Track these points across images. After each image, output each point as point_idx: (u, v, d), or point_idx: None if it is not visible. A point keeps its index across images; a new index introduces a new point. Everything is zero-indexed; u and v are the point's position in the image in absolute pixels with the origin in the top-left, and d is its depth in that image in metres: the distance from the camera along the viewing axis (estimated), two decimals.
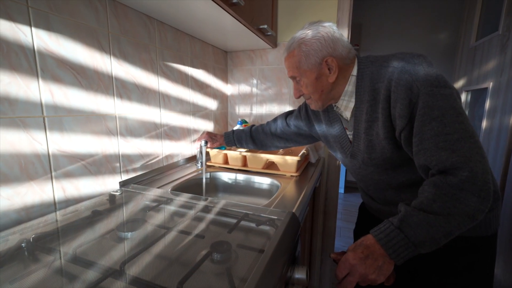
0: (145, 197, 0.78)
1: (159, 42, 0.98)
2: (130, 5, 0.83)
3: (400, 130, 0.58)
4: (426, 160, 0.53)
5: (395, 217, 0.53)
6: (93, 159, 0.75)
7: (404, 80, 0.55)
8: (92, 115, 0.73)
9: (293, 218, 0.62)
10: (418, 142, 0.54)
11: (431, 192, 0.50)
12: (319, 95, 0.70)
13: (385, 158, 0.65)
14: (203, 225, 0.62)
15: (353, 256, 0.52)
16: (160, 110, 1.00)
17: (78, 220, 0.61)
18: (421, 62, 0.57)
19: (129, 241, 0.54)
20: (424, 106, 0.53)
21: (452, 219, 0.48)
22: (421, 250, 0.49)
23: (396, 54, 0.62)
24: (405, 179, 0.67)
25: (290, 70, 0.71)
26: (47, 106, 0.62)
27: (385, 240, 0.50)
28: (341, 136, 0.77)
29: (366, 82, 0.65)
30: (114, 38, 0.79)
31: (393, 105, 0.58)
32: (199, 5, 0.81)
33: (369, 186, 0.78)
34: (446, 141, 0.51)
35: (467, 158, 0.49)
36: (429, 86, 0.54)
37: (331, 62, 0.65)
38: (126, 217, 0.65)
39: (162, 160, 1.04)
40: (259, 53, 1.48)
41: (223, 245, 0.51)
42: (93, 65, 0.73)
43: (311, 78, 0.68)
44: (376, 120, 0.63)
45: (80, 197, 0.72)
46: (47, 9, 0.60)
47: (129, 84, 0.85)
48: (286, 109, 1.47)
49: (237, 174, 1.10)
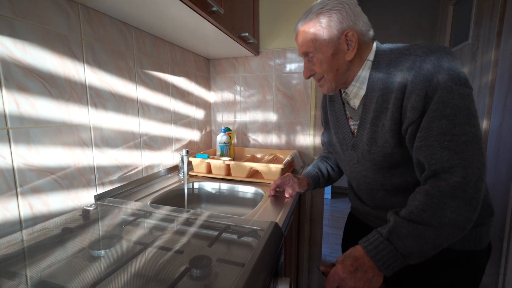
0: (122, 211, 0.74)
1: (137, 50, 0.96)
2: (105, 12, 0.81)
3: (409, 123, 0.55)
4: (426, 157, 0.52)
5: (384, 228, 0.52)
6: (65, 173, 0.71)
7: (426, 70, 0.52)
8: (63, 125, 0.70)
9: (275, 228, 0.61)
10: (423, 137, 0.52)
11: (421, 201, 0.50)
12: (333, 74, 0.65)
13: (385, 153, 0.62)
14: (183, 239, 0.59)
15: (343, 269, 0.51)
16: (139, 119, 0.98)
17: (46, 239, 0.57)
18: (446, 55, 0.53)
19: (103, 260, 0.51)
20: (438, 101, 0.51)
21: (442, 230, 0.48)
22: (410, 261, 0.49)
23: (419, 44, 0.58)
24: (399, 181, 0.65)
25: (304, 45, 0.65)
26: (11, 117, 0.58)
27: (374, 252, 0.50)
28: (343, 126, 0.74)
29: (382, 69, 0.61)
30: (88, 46, 0.76)
31: (407, 95, 0.55)
32: (179, 13, 0.80)
33: (360, 186, 0.75)
34: (452, 141, 0.49)
35: (468, 162, 0.48)
36: (449, 82, 0.51)
37: (351, 36, 0.60)
38: (101, 234, 0.62)
39: (142, 171, 1.01)
40: (242, 60, 1.48)
41: (202, 260, 0.49)
42: (64, 74, 0.70)
43: (327, 54, 0.62)
44: (385, 110, 0.60)
45: (50, 213, 0.67)
46: (12, 15, 0.57)
47: (104, 93, 0.82)
48: (270, 116, 1.48)
49: (220, 183, 1.08)
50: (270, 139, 1.50)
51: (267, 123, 1.49)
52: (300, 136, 1.44)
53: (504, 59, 1.29)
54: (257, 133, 1.52)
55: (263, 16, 1.41)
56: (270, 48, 1.42)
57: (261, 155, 1.42)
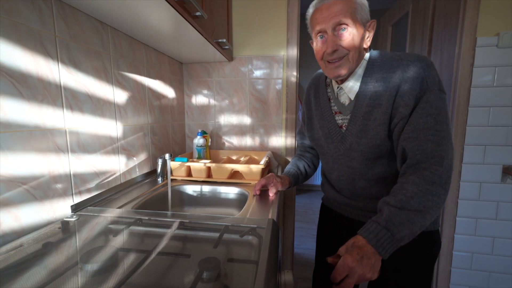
0: (106, 220, 0.67)
1: (113, 50, 0.87)
2: (80, 9, 0.72)
3: (401, 117, 0.61)
4: (413, 147, 0.58)
5: (379, 217, 0.56)
6: (38, 182, 0.61)
7: (418, 73, 0.59)
8: (35, 130, 0.60)
9: (274, 225, 0.62)
10: (411, 130, 0.59)
11: (409, 190, 0.56)
12: (357, 55, 0.65)
13: (373, 145, 0.67)
14: (185, 243, 0.56)
15: (351, 259, 0.52)
16: (116, 123, 0.89)
17: (24, 257, 0.48)
18: (431, 64, 0.61)
19: (101, 274, 0.44)
20: (426, 101, 0.58)
21: (427, 212, 0.54)
22: (402, 243, 0.54)
23: (408, 53, 0.65)
24: (380, 171, 0.70)
25: (341, 14, 0.60)
26: None
27: (375, 240, 0.53)
28: (329, 121, 0.76)
29: (376, 70, 0.66)
30: (62, 44, 0.67)
31: (400, 93, 0.61)
32: (161, 15, 0.76)
33: (341, 177, 0.78)
34: (435, 136, 0.57)
35: (445, 154, 0.56)
36: (435, 86, 0.59)
37: (373, 27, 0.64)
38: (89, 246, 0.54)
39: (120, 177, 0.92)
40: (216, 65, 1.46)
41: (211, 262, 0.46)
42: (37, 73, 0.60)
43: (360, 32, 0.63)
44: (378, 106, 0.64)
45: (22, 229, 0.57)
46: None
47: (80, 95, 0.73)
48: (244, 120, 1.48)
49: (202, 186, 1.04)
50: (245, 141, 1.50)
51: (241, 126, 1.49)
52: (273, 138, 1.47)
53: None
54: (232, 136, 1.51)
55: (236, 25, 1.41)
56: (243, 54, 1.43)
57: (236, 157, 1.41)
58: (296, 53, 1.38)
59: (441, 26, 1.43)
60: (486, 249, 1.34)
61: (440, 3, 1.44)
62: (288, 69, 1.40)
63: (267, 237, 0.55)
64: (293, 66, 1.40)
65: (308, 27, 0.73)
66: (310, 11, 0.69)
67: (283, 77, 1.41)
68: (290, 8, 1.35)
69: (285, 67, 1.40)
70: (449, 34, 1.34)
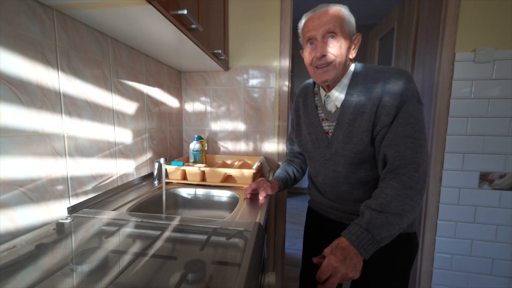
0: (100, 222, 0.66)
1: (113, 59, 0.87)
2: (81, 20, 0.72)
3: (383, 125, 0.62)
4: (393, 154, 0.60)
5: (361, 220, 0.56)
6: (35, 185, 0.60)
7: (399, 85, 0.61)
8: (34, 134, 0.60)
9: (260, 228, 0.62)
10: (392, 137, 0.61)
11: (388, 194, 0.57)
12: (344, 62, 0.66)
13: (357, 150, 0.67)
14: (173, 245, 0.55)
15: (335, 259, 0.53)
16: (114, 128, 0.89)
17: (17, 258, 0.48)
18: (411, 77, 0.63)
19: (90, 275, 0.44)
20: (405, 111, 0.60)
21: (404, 215, 0.55)
22: (382, 244, 0.54)
23: (390, 66, 0.68)
24: (363, 175, 0.71)
25: (331, 22, 0.63)
26: None
27: (357, 242, 0.54)
28: (317, 127, 0.77)
29: (360, 80, 0.67)
30: (63, 53, 0.67)
31: (383, 103, 0.62)
32: (160, 27, 0.76)
33: (327, 180, 0.79)
34: (413, 143, 0.59)
35: (422, 161, 0.57)
36: (413, 98, 0.61)
37: (358, 40, 0.66)
38: (81, 247, 0.54)
39: (117, 180, 0.91)
40: (212, 74, 1.47)
41: (197, 264, 0.46)
42: (36, 80, 0.60)
43: (347, 42, 0.65)
44: (362, 114, 0.65)
45: (17, 230, 0.56)
46: None
47: (79, 101, 0.73)
48: (239, 126, 1.48)
49: (196, 189, 1.04)
50: (239, 147, 1.50)
51: (236, 132, 1.49)
52: (265, 143, 1.47)
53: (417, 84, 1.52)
54: (227, 141, 1.51)
55: (232, 37, 1.42)
56: (239, 64, 1.44)
57: (231, 161, 1.41)
58: (288, 64, 1.40)
59: (423, 41, 1.45)
60: (465, 251, 1.35)
61: (422, 20, 1.47)
62: (280, 79, 1.41)
63: (251, 240, 0.55)
64: (285, 76, 1.41)
65: (300, 37, 0.75)
66: (302, 21, 0.72)
67: (275, 87, 1.42)
68: (283, 21, 1.37)
69: (277, 77, 1.42)
70: (431, 49, 1.37)
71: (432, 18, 1.35)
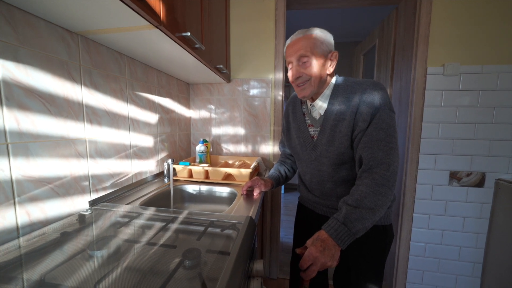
0: (115, 214, 0.68)
1: (129, 75, 0.90)
2: (102, 43, 0.75)
3: (360, 130, 0.64)
4: (367, 155, 0.61)
5: (339, 214, 0.57)
6: (61, 182, 0.63)
7: (373, 96, 0.63)
8: (61, 140, 0.63)
9: (251, 221, 0.63)
10: (367, 141, 0.62)
11: (363, 191, 0.58)
12: (318, 80, 0.68)
13: (339, 152, 0.68)
14: (174, 235, 0.57)
15: (315, 250, 0.54)
16: (129, 133, 0.91)
17: (45, 243, 0.50)
18: (384, 89, 0.65)
19: (102, 259, 0.46)
20: (379, 118, 0.61)
21: (377, 210, 0.56)
22: (357, 236, 0.55)
23: (366, 79, 0.69)
24: (345, 174, 0.72)
25: (302, 48, 0.66)
26: (11, 133, 0.51)
27: (335, 234, 0.55)
28: (304, 132, 0.78)
29: (341, 91, 0.69)
30: (86, 71, 0.70)
31: (360, 111, 0.64)
32: (168, 48, 0.79)
33: (313, 179, 0.79)
34: (385, 146, 0.60)
35: (392, 161, 0.58)
36: (385, 106, 0.63)
37: (335, 57, 0.67)
38: (97, 236, 0.56)
39: (132, 178, 0.94)
40: (216, 86, 1.49)
41: (193, 252, 0.47)
42: (63, 94, 0.63)
43: (320, 62, 0.66)
44: (342, 120, 0.67)
45: (47, 220, 0.59)
46: (16, 43, 0.51)
47: (99, 111, 0.76)
48: (239, 130, 1.50)
49: (200, 185, 1.06)
50: (240, 148, 1.52)
51: (236, 135, 1.51)
52: (262, 146, 1.49)
53: (395, 94, 1.53)
54: (229, 144, 1.53)
55: (233, 54, 1.45)
56: (239, 77, 1.46)
57: (232, 161, 1.43)
58: (282, 76, 1.42)
59: (400, 57, 1.46)
60: (436, 240, 1.35)
61: (399, 39, 1.48)
62: (275, 90, 1.43)
63: (242, 232, 0.56)
64: (279, 87, 1.43)
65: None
66: (285, 47, 0.74)
67: (271, 96, 1.44)
68: (277, 40, 1.39)
69: (273, 87, 1.44)
70: (406, 64, 1.38)
71: (407, 37, 1.36)
